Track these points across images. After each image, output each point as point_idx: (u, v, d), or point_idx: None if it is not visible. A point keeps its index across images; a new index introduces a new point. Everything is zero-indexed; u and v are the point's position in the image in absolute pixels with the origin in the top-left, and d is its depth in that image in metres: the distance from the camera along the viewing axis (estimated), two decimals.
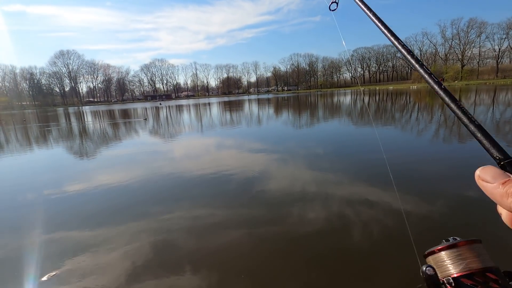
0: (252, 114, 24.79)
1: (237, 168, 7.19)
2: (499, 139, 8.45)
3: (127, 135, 16.35)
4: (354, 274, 3.04)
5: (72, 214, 4.99)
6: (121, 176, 7.17)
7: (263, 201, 5.03)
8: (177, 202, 5.26)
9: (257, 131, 14.43)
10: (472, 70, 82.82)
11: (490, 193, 0.38)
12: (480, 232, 3.62)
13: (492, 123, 11.85)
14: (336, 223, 4.10)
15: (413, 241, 0.73)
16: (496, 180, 0.37)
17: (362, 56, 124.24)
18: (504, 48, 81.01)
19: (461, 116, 0.48)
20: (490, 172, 0.39)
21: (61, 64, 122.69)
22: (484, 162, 0.40)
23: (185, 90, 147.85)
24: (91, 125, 24.28)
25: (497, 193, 0.37)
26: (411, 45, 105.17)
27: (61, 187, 6.57)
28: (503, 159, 0.40)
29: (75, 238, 4.13)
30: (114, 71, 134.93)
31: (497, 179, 0.37)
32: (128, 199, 5.55)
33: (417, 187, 5.18)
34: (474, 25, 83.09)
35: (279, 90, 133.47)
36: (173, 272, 3.19)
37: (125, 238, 4.01)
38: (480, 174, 0.39)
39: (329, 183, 5.83)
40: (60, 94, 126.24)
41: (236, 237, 3.87)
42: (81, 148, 12.26)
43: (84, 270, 3.31)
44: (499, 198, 0.37)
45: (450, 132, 10.87)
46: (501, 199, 0.36)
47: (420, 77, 0.57)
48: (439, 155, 7.55)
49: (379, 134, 10.77)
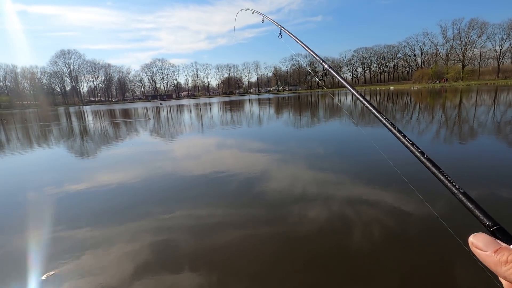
0: (253, 114, 24.78)
1: (238, 168, 7.18)
2: (500, 140, 8.44)
3: (128, 134, 16.36)
4: (354, 274, 3.03)
5: (72, 213, 4.99)
6: (122, 175, 7.17)
7: (264, 201, 5.02)
8: (178, 202, 5.25)
9: (258, 131, 14.42)
10: (473, 71, 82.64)
11: (484, 261, 0.38)
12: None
13: (493, 124, 11.83)
14: (335, 223, 4.09)
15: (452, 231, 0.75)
16: (488, 248, 0.38)
17: (363, 57, 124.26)
18: (505, 48, 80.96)
19: (449, 186, 0.50)
20: (482, 240, 0.39)
21: (62, 63, 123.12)
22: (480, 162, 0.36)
23: (186, 90, 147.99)
24: (92, 124, 24.32)
25: (491, 261, 0.37)
26: (412, 46, 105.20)
27: (61, 186, 6.57)
28: (492, 226, 0.42)
29: (75, 237, 4.13)
30: (115, 71, 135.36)
31: (489, 247, 0.38)
32: (129, 199, 5.55)
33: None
34: (476, 25, 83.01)
35: (280, 90, 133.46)
36: (173, 271, 3.19)
37: (125, 237, 4.01)
38: (473, 241, 0.40)
39: (328, 182, 5.82)
40: (61, 94, 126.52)
41: (236, 237, 3.87)
42: (81, 148, 12.27)
43: (84, 269, 3.30)
44: (494, 266, 0.37)
45: (451, 132, 10.84)
46: (495, 267, 0.37)
47: (422, 77, 0.60)
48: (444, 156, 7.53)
49: (375, 133, 10.75)
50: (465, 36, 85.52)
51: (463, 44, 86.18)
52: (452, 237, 3.26)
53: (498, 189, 4.99)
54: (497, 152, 7.66)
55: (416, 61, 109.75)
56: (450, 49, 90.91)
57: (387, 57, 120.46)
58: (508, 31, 74.85)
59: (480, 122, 12.52)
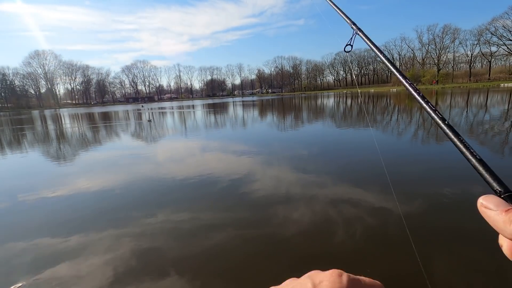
0: (237, 117, 24.71)
1: (221, 170, 7.11)
2: (472, 140, 8.84)
3: (108, 138, 15.84)
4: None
5: (47, 221, 4.74)
6: (101, 180, 6.91)
7: (247, 203, 4.99)
8: (160, 206, 5.11)
9: (242, 134, 14.38)
10: (447, 74, 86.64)
11: (493, 219, 0.38)
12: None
13: (466, 124, 12.42)
14: (319, 223, 4.13)
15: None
16: (498, 207, 0.38)
17: (344, 60, 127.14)
18: (476, 53, 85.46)
19: (463, 150, 0.51)
20: (493, 200, 0.40)
21: (36, 64, 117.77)
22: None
23: (168, 92, 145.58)
24: (69, 129, 23.35)
25: (499, 220, 0.37)
26: (391, 50, 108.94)
27: (36, 192, 6.24)
28: (503, 192, 0.42)
29: (50, 245, 3.91)
30: (93, 72, 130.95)
31: (500, 206, 0.39)
32: (110, 204, 5.34)
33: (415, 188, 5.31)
34: (449, 31, 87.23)
35: (264, 93, 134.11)
36: (156, 276, 3.08)
37: (105, 244, 3.85)
38: (483, 201, 0.40)
39: (311, 183, 5.88)
40: (36, 96, 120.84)
41: (220, 239, 3.81)
42: (57, 152, 11.74)
43: (58, 279, 3.13)
44: (502, 225, 0.37)
45: (427, 134, 11.27)
46: (504, 225, 0.37)
47: (399, 80, 0.64)
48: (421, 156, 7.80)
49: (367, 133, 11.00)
50: (439, 41, 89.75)
51: (437, 48, 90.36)
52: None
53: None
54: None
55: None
56: (426, 53, 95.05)
57: (367, 61, 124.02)
58: (478, 37, 79.08)
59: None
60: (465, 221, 3.90)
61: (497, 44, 74.80)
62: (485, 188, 0.40)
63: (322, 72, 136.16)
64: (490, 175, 0.45)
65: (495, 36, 73.66)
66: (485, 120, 13.34)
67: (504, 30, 71.28)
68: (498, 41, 73.92)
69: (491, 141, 9.07)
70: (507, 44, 72.68)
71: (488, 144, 8.61)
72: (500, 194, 0.42)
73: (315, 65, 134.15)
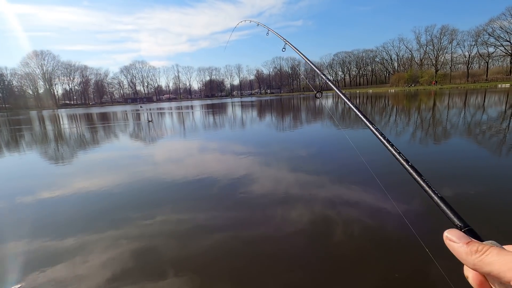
0: (235, 118, 24.70)
1: (220, 171, 7.11)
2: (473, 139, 8.89)
3: (107, 138, 15.80)
4: (336, 274, 3.07)
5: (45, 222, 4.72)
6: (100, 181, 6.90)
7: (246, 203, 4.99)
8: (159, 206, 5.11)
9: (240, 135, 14.38)
10: (445, 75, 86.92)
11: (457, 251, 0.43)
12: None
13: (464, 125, 12.47)
14: (318, 224, 4.13)
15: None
16: (461, 240, 0.43)
17: (343, 60, 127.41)
18: (474, 54, 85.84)
19: (426, 189, 0.55)
20: (456, 234, 0.45)
21: (35, 65, 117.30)
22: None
23: (167, 93, 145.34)
24: (67, 130, 23.27)
25: (462, 251, 0.42)
26: (389, 50, 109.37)
27: (34, 193, 6.22)
28: (463, 227, 0.47)
29: (48, 246, 3.90)
30: (92, 73, 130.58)
31: (462, 239, 0.43)
32: (109, 205, 5.33)
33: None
34: (446, 32, 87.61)
35: (262, 93, 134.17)
36: (155, 278, 3.08)
37: (104, 245, 3.84)
38: (447, 235, 0.45)
39: (310, 183, 5.89)
40: (34, 97, 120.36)
41: (219, 240, 3.81)
42: (56, 153, 11.70)
43: (56, 280, 3.12)
44: (464, 256, 0.41)
45: (426, 134, 11.32)
46: (466, 256, 0.41)
47: (398, 81, 0.64)
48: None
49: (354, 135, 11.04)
50: (437, 42, 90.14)
51: (435, 49, 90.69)
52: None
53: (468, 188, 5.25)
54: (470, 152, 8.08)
55: (392, 65, 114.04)
56: (424, 54, 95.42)
57: (365, 61, 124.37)
58: (476, 38, 79.45)
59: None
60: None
61: (494, 45, 75.26)
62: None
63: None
64: (451, 212, 0.49)
65: (492, 37, 74.16)
66: (482, 121, 13.40)
67: (501, 31, 71.83)
68: (495, 42, 74.42)
69: (488, 141, 9.11)
70: (504, 45, 73.17)
71: (485, 144, 8.66)
72: (460, 228, 0.47)
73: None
